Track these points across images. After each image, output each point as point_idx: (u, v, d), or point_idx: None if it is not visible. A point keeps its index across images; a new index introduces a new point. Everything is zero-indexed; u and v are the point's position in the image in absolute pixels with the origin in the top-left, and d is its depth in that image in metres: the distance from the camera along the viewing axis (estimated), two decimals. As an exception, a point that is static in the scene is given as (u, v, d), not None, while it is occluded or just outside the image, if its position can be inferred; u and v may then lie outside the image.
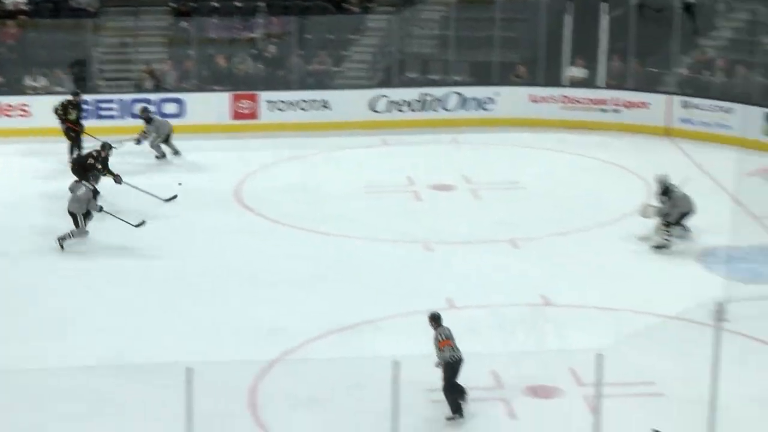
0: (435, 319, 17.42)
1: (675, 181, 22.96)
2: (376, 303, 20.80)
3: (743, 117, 28.52)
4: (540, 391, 17.88)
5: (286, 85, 31.85)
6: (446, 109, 31.49)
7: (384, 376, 14.82)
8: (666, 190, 22.77)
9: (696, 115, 30.08)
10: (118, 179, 25.00)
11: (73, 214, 23.16)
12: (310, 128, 30.70)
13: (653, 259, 22.45)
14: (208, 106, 31.14)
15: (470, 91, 31.57)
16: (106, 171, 24.81)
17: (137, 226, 23.19)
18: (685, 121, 30.21)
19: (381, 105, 31.43)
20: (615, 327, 19.12)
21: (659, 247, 22.57)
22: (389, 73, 32.75)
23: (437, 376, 17.01)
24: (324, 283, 21.72)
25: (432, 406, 17.27)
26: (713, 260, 22.46)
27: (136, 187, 24.94)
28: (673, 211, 22.65)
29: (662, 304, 20.33)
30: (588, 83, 31.70)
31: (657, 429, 14.42)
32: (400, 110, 31.48)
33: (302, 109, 31.18)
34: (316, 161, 28.80)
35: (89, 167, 24.29)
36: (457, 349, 16.97)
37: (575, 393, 17.60)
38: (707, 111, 29.94)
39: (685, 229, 22.86)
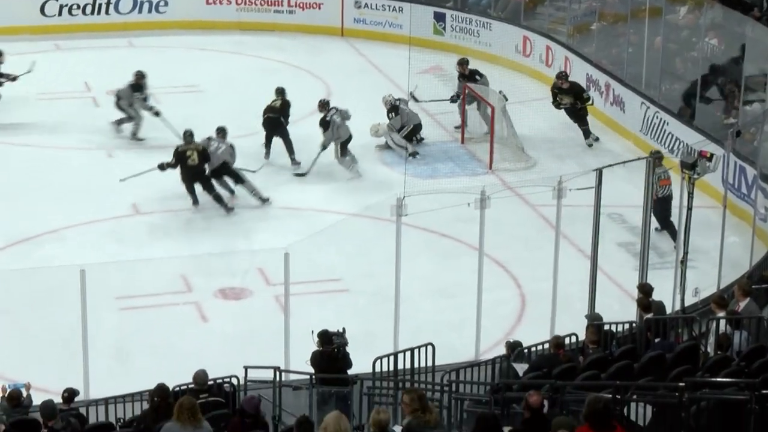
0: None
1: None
2: (60, 212, 20.52)
3: (413, 16, 29.26)
4: (230, 293, 18.19)
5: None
6: (120, 12, 30.90)
7: (72, 284, 14.85)
8: (395, 108, 23.29)
9: (368, 15, 30.69)
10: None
11: None
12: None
13: (332, 160, 22.87)
14: None
15: (144, -6, 31.13)
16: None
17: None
18: (358, 21, 30.78)
19: (51, 8, 30.52)
20: (300, 226, 19.57)
21: (413, 154, 23.07)
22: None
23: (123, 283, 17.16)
24: (3, 194, 21.26)
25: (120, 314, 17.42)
26: (392, 157, 23.20)
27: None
28: (404, 126, 23.32)
29: (344, 202, 20.94)
30: (261, -16, 31.73)
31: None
32: (72, 14, 30.69)
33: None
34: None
35: None
36: None
37: (265, 293, 18.01)
38: (379, 11, 30.59)
39: (418, 141, 23.65)
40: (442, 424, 12.17)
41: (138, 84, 23.90)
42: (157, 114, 23.70)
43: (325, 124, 22.34)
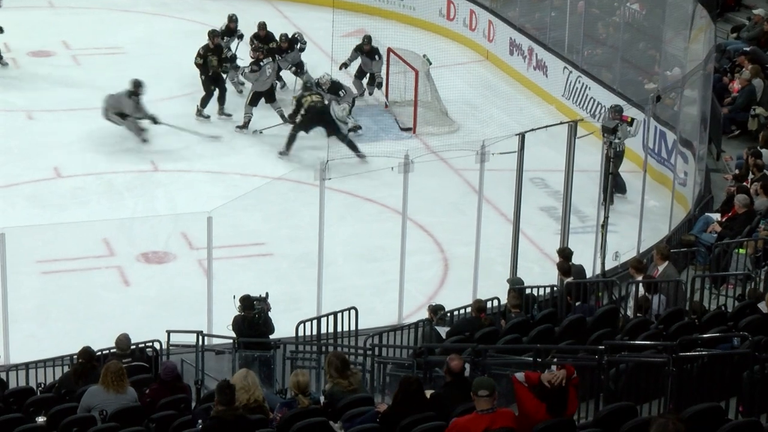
0: None
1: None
2: (-21, 175, 20.31)
3: (338, -21, 29.12)
4: (153, 257, 18.09)
5: None
6: (40, -28, 30.45)
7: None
8: (340, 86, 22.62)
9: (290, -23, 30.52)
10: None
11: None
12: None
13: (264, 126, 22.71)
14: None
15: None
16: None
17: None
18: (282, -18, 30.63)
19: (-31, -32, 30.00)
20: (223, 190, 19.51)
21: (355, 129, 22.55)
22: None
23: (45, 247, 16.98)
24: None
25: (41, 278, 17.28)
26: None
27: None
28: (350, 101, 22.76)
29: (268, 166, 20.90)
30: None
31: None
32: (-9, -27, 30.18)
33: None
34: None
35: None
36: None
37: (188, 257, 17.92)
38: (301, -27, 30.43)
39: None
40: (365, 387, 12.23)
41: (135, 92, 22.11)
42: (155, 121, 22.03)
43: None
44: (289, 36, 24.26)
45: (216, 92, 22.90)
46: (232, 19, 24.65)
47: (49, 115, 23.00)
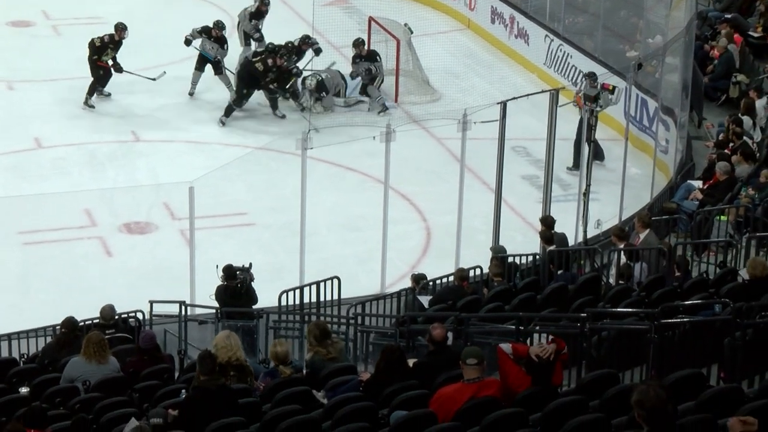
0: None
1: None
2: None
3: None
4: (135, 228, 18.07)
5: None
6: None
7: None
8: (323, 87, 22.20)
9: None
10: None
11: None
12: None
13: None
14: None
15: None
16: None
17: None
18: (262, -49, 30.42)
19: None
20: (205, 160, 19.46)
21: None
22: None
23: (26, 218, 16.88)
24: None
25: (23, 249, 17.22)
26: (301, 92, 23.01)
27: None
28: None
29: (249, 136, 20.85)
30: None
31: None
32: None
33: None
34: None
35: None
36: None
37: (170, 227, 17.91)
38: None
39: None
40: (347, 357, 12.26)
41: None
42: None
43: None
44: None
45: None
46: (265, 2, 23.86)
47: (29, 85, 22.88)
